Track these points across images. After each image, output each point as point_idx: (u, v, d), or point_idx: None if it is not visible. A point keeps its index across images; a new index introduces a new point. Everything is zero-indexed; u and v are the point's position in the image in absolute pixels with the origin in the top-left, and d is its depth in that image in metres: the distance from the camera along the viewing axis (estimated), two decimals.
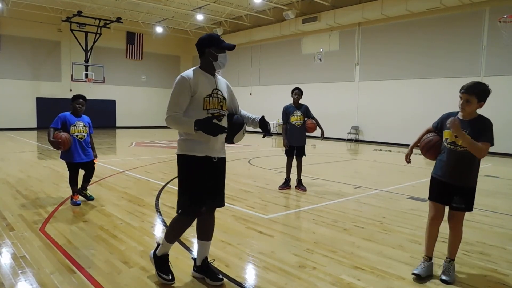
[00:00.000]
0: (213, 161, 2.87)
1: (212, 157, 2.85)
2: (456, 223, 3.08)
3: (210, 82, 2.87)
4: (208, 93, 2.81)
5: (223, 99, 2.92)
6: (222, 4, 18.53)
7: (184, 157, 2.85)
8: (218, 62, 2.87)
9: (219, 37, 2.90)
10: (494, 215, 5.19)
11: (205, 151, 2.82)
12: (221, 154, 2.96)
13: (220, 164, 2.94)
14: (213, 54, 2.84)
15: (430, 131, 3.27)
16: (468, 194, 3.02)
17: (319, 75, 18.95)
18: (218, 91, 2.90)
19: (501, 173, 8.67)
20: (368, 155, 12.87)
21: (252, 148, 14.20)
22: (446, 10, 14.18)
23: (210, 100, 2.81)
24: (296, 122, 6.46)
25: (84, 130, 5.25)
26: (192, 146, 2.82)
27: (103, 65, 22.24)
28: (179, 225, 2.96)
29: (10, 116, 20.63)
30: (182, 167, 2.88)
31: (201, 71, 2.87)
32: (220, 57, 2.85)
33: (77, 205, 5.19)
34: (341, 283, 3.02)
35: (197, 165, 2.82)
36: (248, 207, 5.37)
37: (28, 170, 8.12)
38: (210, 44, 2.85)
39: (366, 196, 6.26)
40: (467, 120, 2.97)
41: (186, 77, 2.77)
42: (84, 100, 5.27)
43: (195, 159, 2.81)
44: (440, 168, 3.11)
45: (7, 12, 19.65)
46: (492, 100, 11.45)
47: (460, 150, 2.96)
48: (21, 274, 3.06)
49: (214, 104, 2.83)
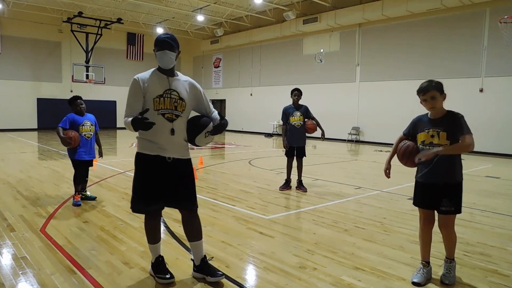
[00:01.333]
0: (167, 161, 2.85)
1: (165, 157, 2.85)
2: (447, 227, 3.03)
3: (162, 83, 2.87)
4: (158, 94, 2.82)
5: (179, 99, 2.87)
6: (222, 5, 18.53)
7: (137, 154, 2.93)
8: (158, 61, 2.88)
9: (161, 35, 2.89)
10: (495, 216, 5.18)
11: (156, 150, 2.84)
12: (179, 155, 2.90)
13: (178, 165, 2.89)
14: (155, 53, 2.89)
15: (402, 139, 3.23)
16: (455, 193, 2.97)
17: (320, 75, 18.95)
18: (173, 91, 2.87)
19: (501, 174, 8.66)
20: (368, 155, 12.87)
21: (253, 148, 14.19)
22: (447, 10, 14.18)
23: (161, 101, 2.81)
24: (296, 123, 6.45)
25: (91, 129, 5.39)
26: (145, 144, 2.88)
27: (103, 66, 22.24)
28: (144, 225, 3.03)
29: (10, 116, 20.64)
30: (135, 164, 2.96)
31: (156, 72, 2.91)
32: (157, 55, 2.86)
33: (78, 205, 5.21)
34: (342, 283, 3.02)
35: (147, 164, 2.86)
36: (249, 207, 5.37)
37: (29, 170, 8.12)
38: (154, 44, 2.90)
39: (367, 196, 6.26)
40: (438, 117, 2.97)
41: (137, 78, 2.83)
42: (82, 99, 5.40)
43: (145, 157, 2.87)
44: (422, 171, 3.06)
45: (7, 13, 19.68)
46: (492, 100, 11.48)
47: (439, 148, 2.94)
48: (22, 274, 3.06)
49: (166, 105, 2.82)
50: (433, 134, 2.96)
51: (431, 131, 2.97)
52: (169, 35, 2.90)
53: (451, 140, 2.91)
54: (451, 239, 3.06)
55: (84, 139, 5.26)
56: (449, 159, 2.95)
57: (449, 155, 2.93)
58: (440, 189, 2.97)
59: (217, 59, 25.31)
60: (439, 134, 2.93)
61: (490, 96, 13.21)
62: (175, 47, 2.87)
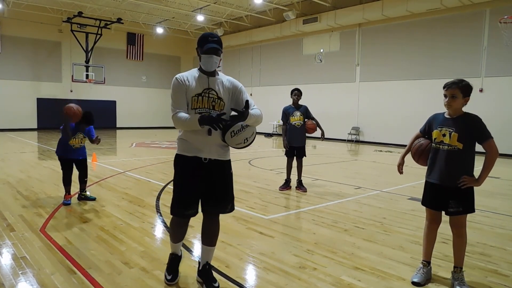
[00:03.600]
0: (203, 162, 2.82)
1: (201, 157, 2.81)
2: (458, 228, 3.00)
3: (202, 82, 2.83)
4: (197, 92, 2.80)
5: (217, 98, 2.83)
6: (222, 5, 18.53)
7: (177, 156, 2.90)
8: (201, 63, 2.84)
9: (207, 37, 2.81)
10: (495, 216, 5.19)
11: (193, 151, 2.81)
12: (216, 156, 2.84)
13: (213, 167, 2.84)
14: (199, 54, 2.86)
15: (418, 136, 3.21)
16: (465, 195, 2.93)
17: (320, 75, 18.95)
18: (211, 90, 2.83)
19: (501, 174, 8.66)
20: (368, 155, 12.87)
21: (253, 148, 14.18)
22: (447, 10, 14.18)
23: (199, 99, 2.79)
24: (296, 122, 6.46)
25: (83, 140, 5.42)
26: (183, 145, 2.85)
27: (103, 66, 22.25)
28: (172, 225, 3.03)
29: (10, 116, 20.64)
30: (174, 166, 2.93)
31: (196, 71, 2.89)
32: (203, 58, 2.82)
33: (67, 205, 5.25)
34: (342, 283, 3.02)
35: (185, 165, 2.83)
36: (249, 207, 5.37)
37: (29, 170, 8.12)
38: (198, 44, 2.87)
39: (367, 196, 6.26)
40: (454, 118, 2.95)
41: (178, 77, 2.83)
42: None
43: (184, 159, 2.84)
44: (431, 171, 3.05)
45: (7, 12, 19.68)
46: (492, 100, 11.49)
47: (448, 148, 2.92)
48: (22, 274, 3.06)
49: (204, 104, 2.79)
50: (445, 133, 2.94)
51: (444, 130, 2.95)
52: (216, 38, 2.81)
53: (463, 143, 2.87)
54: (461, 241, 3.00)
55: (70, 147, 5.30)
56: (458, 162, 2.91)
57: (459, 158, 2.90)
58: (450, 191, 2.95)
59: None
60: (450, 134, 2.91)
61: (490, 96, 13.21)
62: (221, 51, 2.83)
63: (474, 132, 2.88)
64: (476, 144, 2.93)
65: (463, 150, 2.89)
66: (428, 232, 3.14)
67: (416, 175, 7.90)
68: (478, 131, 2.88)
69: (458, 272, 3.00)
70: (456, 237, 3.04)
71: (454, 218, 2.99)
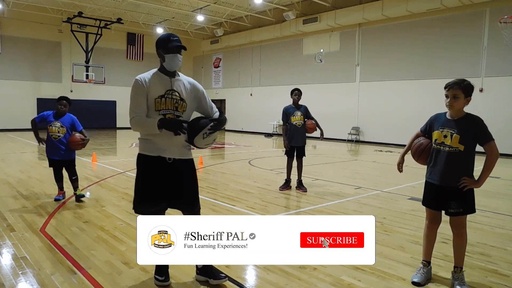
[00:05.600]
0: (168, 162, 2.84)
1: (165, 157, 2.84)
2: (458, 228, 2.99)
3: (164, 83, 2.85)
4: (160, 94, 2.81)
5: (180, 100, 2.87)
6: (222, 5, 18.53)
7: (139, 156, 2.93)
8: (165, 63, 2.86)
9: (169, 37, 2.87)
10: (495, 216, 5.19)
11: (157, 151, 2.84)
12: (180, 156, 2.88)
13: (179, 166, 2.87)
14: (162, 55, 2.86)
15: (419, 136, 3.21)
16: (465, 195, 2.92)
17: (320, 75, 18.94)
18: (174, 91, 2.86)
19: (501, 174, 8.65)
20: (368, 155, 12.87)
21: (253, 148, 14.18)
22: (447, 10, 14.18)
23: (162, 101, 2.81)
24: (297, 122, 6.46)
25: (60, 130, 5.35)
26: (147, 145, 2.88)
27: (103, 66, 22.23)
28: None
29: (10, 116, 20.62)
30: (136, 165, 2.96)
31: (157, 73, 2.90)
32: (167, 58, 2.84)
33: (58, 200, 5.41)
34: (342, 283, 3.02)
35: (148, 165, 2.86)
36: (249, 207, 5.37)
37: (29, 170, 8.12)
38: (159, 45, 2.87)
39: (367, 196, 6.26)
40: (456, 119, 2.94)
41: (139, 79, 2.82)
42: (68, 101, 5.45)
43: (147, 159, 2.86)
44: (432, 171, 3.05)
45: (7, 13, 19.67)
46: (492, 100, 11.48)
47: (449, 150, 2.91)
48: (22, 274, 3.06)
49: (167, 105, 2.82)
50: (446, 134, 2.93)
51: (445, 131, 2.94)
52: (176, 37, 2.88)
53: (464, 144, 2.86)
54: (461, 241, 3.00)
55: (51, 139, 5.35)
56: (459, 163, 2.91)
57: (460, 159, 2.89)
58: (450, 191, 2.94)
59: (217, 59, 25.31)
60: (452, 136, 2.90)
61: (490, 96, 13.21)
62: (185, 49, 2.88)
63: (475, 134, 2.88)
64: (476, 144, 2.93)
65: (464, 152, 2.88)
66: (428, 232, 3.14)
67: (416, 175, 7.91)
68: (480, 133, 2.88)
69: (458, 272, 3.00)
70: (456, 237, 3.03)
71: (454, 218, 2.99)
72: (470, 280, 3.10)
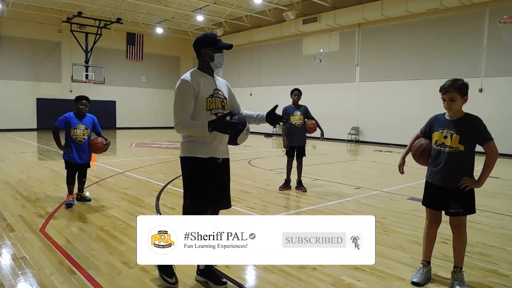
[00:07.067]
0: (218, 162, 2.87)
1: (216, 158, 2.85)
2: (458, 228, 3.00)
3: (210, 83, 2.86)
4: (210, 94, 2.81)
5: (225, 98, 2.92)
6: (222, 5, 18.53)
7: (188, 159, 2.83)
8: (214, 62, 2.85)
9: (215, 36, 2.87)
10: (495, 216, 5.19)
11: (209, 152, 2.81)
12: (225, 155, 2.96)
13: (224, 165, 2.95)
14: (210, 54, 2.83)
15: (419, 137, 3.22)
16: (465, 196, 2.92)
17: (319, 75, 18.95)
18: (219, 91, 2.90)
19: (501, 174, 8.65)
20: (368, 155, 12.87)
21: (253, 148, 14.18)
22: (446, 10, 14.18)
23: (213, 100, 2.81)
24: (297, 122, 6.46)
25: (85, 132, 5.23)
26: (196, 147, 2.79)
27: (103, 66, 22.22)
28: None
29: (10, 116, 20.61)
30: (186, 169, 2.86)
31: (200, 72, 2.86)
32: (216, 57, 2.83)
33: (70, 205, 5.16)
34: (341, 283, 3.02)
35: (201, 167, 2.80)
36: (248, 207, 5.37)
37: (28, 170, 8.12)
38: (206, 44, 2.83)
39: (366, 197, 6.26)
40: (455, 119, 2.94)
41: (187, 80, 2.74)
42: (87, 101, 5.31)
43: (199, 161, 2.80)
44: (432, 172, 3.06)
45: (7, 13, 19.66)
46: (492, 100, 11.47)
47: (449, 150, 2.91)
48: (21, 275, 3.06)
49: (217, 104, 2.83)
50: (446, 135, 2.94)
51: (445, 132, 2.95)
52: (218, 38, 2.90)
53: (464, 145, 2.87)
54: (461, 240, 3.00)
55: (75, 142, 5.17)
56: (459, 164, 2.91)
57: (460, 160, 2.90)
58: (450, 191, 2.95)
59: None
60: (452, 136, 2.90)
61: (489, 96, 13.21)
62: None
63: (474, 134, 2.88)
64: (476, 144, 2.93)
65: (464, 152, 2.89)
66: (428, 232, 3.14)
67: (416, 175, 7.91)
68: (479, 133, 2.88)
69: (458, 272, 3.00)
70: (456, 237, 3.04)
71: (454, 218, 2.99)
72: (469, 280, 3.10)
